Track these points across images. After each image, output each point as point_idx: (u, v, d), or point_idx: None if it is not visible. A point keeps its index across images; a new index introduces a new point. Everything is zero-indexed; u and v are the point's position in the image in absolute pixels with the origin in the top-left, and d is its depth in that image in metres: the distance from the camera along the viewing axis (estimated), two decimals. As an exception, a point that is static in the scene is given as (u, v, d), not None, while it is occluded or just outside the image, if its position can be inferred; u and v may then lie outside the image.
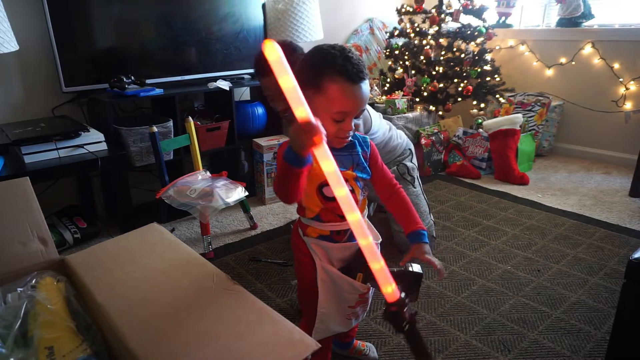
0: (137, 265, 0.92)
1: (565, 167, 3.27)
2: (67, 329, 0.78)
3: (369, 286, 1.14)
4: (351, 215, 0.83)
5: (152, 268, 0.91)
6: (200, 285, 0.84)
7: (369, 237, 0.86)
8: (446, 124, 3.42)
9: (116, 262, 0.93)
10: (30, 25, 2.16)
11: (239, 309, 0.77)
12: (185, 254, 0.94)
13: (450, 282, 1.87)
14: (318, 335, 1.15)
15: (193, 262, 0.92)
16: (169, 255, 0.94)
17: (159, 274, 0.89)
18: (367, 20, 3.65)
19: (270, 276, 1.93)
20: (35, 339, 0.76)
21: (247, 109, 2.70)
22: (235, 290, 0.82)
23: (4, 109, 2.20)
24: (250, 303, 0.79)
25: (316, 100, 0.98)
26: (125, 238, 1.03)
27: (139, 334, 0.72)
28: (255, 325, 0.73)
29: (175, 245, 0.98)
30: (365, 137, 1.16)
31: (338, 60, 0.99)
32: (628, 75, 3.11)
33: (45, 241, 0.97)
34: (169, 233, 1.03)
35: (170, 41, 2.49)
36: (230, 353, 0.68)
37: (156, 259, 0.93)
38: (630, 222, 2.38)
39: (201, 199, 2.00)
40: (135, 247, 0.98)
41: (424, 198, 2.15)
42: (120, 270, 0.90)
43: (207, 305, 0.79)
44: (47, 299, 0.82)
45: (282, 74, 0.72)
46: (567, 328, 1.59)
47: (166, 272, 0.89)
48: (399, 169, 2.09)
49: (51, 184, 2.32)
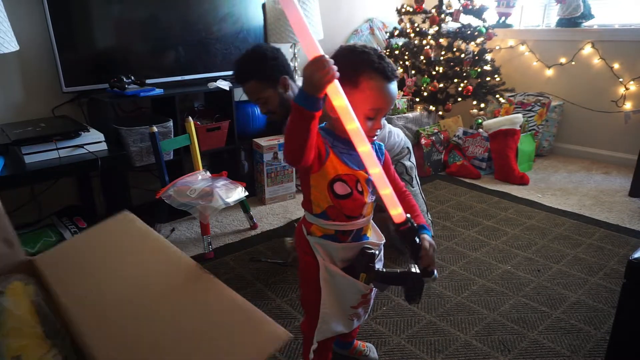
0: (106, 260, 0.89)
1: (565, 167, 3.27)
2: (35, 335, 0.75)
3: (372, 287, 1.13)
4: (362, 147, 0.94)
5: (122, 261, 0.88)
6: (169, 275, 0.82)
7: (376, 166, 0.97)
8: (446, 124, 3.42)
9: (84, 259, 0.90)
10: (30, 25, 2.16)
11: (208, 300, 0.75)
12: (155, 244, 0.91)
13: (450, 282, 1.87)
14: (320, 336, 1.14)
15: (163, 252, 0.88)
16: (139, 247, 0.91)
17: (127, 268, 0.86)
18: (367, 20, 3.65)
19: (270, 276, 1.93)
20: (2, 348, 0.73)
21: (247, 109, 2.70)
22: (205, 280, 0.80)
23: (4, 109, 2.20)
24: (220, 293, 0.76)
25: (352, 97, 0.96)
26: (96, 230, 0.99)
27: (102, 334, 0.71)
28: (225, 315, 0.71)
29: (146, 235, 0.94)
30: (380, 145, 1.18)
31: (374, 58, 1.01)
32: (628, 76, 3.11)
33: (11, 242, 0.93)
34: (141, 222, 0.98)
35: (171, 41, 2.49)
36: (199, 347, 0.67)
37: (125, 252, 0.91)
38: (630, 222, 2.38)
39: (201, 199, 2.00)
40: (104, 240, 0.95)
41: (422, 197, 2.15)
42: (88, 267, 0.88)
43: (176, 297, 0.77)
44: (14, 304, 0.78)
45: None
46: (567, 328, 1.59)
47: (135, 264, 0.87)
48: (397, 168, 2.09)
49: (51, 184, 2.32)
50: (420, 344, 1.52)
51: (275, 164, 2.64)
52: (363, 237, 1.15)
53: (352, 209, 1.10)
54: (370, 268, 1.09)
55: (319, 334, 1.14)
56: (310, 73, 0.83)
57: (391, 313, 1.68)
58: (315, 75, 0.82)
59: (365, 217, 1.13)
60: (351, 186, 1.08)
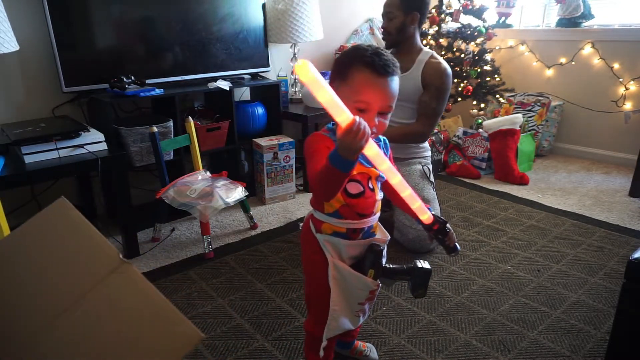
0: (32, 256, 0.85)
1: (565, 167, 3.27)
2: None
3: (379, 283, 1.15)
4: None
5: (48, 255, 0.84)
6: (88, 270, 0.79)
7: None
8: (446, 124, 3.42)
9: (11, 256, 0.87)
10: (30, 25, 2.16)
11: (123, 297, 0.73)
12: (83, 233, 0.88)
13: (450, 282, 1.87)
14: (330, 333, 1.15)
15: (88, 244, 0.85)
16: (68, 240, 0.87)
17: (51, 263, 0.83)
18: (367, 20, 3.65)
19: (270, 276, 1.93)
20: None
21: (247, 109, 2.70)
22: (123, 272, 0.77)
23: (4, 109, 2.20)
24: (137, 288, 0.74)
25: (341, 91, 0.98)
26: (28, 225, 0.93)
27: (6, 340, 0.68)
28: (138, 314, 0.69)
29: (76, 226, 0.90)
30: (386, 140, 1.19)
31: (367, 54, 1.01)
32: (628, 76, 3.11)
33: None
34: (75, 210, 0.94)
35: (171, 41, 2.49)
36: (112, 353, 0.65)
37: (53, 245, 0.87)
38: (630, 222, 2.38)
39: (201, 199, 2.00)
40: (35, 234, 0.90)
41: (437, 202, 2.17)
42: (14, 265, 0.84)
43: (90, 298, 0.74)
44: None
45: (318, 90, 0.78)
46: (567, 328, 1.59)
47: (60, 258, 0.83)
48: (424, 170, 2.13)
49: (51, 184, 2.32)
50: (420, 344, 1.52)
51: (275, 164, 2.64)
52: (372, 234, 1.17)
53: (365, 207, 1.11)
54: (378, 264, 1.12)
55: (329, 332, 1.15)
56: (349, 141, 0.82)
57: (391, 313, 1.68)
58: (353, 143, 0.82)
59: (375, 214, 1.15)
60: (364, 184, 1.10)
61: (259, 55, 2.85)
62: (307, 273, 1.25)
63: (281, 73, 3.03)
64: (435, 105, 2.05)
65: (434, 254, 2.09)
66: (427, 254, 2.08)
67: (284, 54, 3.13)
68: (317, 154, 1.01)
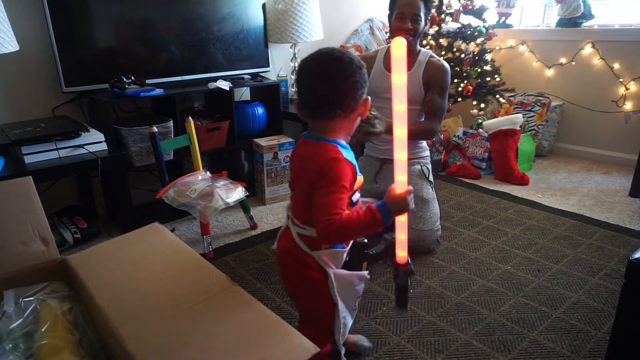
0: (138, 266, 0.91)
1: (565, 167, 3.27)
2: (70, 351, 0.77)
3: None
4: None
5: (153, 270, 0.90)
6: (200, 286, 0.84)
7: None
8: (446, 124, 3.42)
9: (116, 263, 0.92)
10: (30, 25, 2.16)
11: (238, 311, 0.77)
12: (185, 255, 0.94)
13: (450, 282, 1.87)
14: (343, 338, 1.18)
15: (193, 263, 0.91)
16: (170, 257, 0.94)
17: (159, 276, 0.88)
18: (367, 20, 3.65)
19: (271, 276, 1.93)
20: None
21: (247, 109, 2.70)
22: (234, 292, 0.82)
23: (4, 109, 2.20)
24: (249, 305, 0.78)
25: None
26: (127, 238, 1.03)
27: (137, 337, 0.72)
28: (254, 327, 0.73)
29: (176, 246, 0.97)
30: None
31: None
32: (628, 76, 3.11)
33: (47, 241, 0.97)
34: (170, 233, 1.03)
35: (171, 41, 2.49)
36: (228, 357, 0.68)
37: (156, 260, 0.93)
38: (630, 222, 2.38)
39: (201, 199, 2.00)
40: (136, 247, 0.98)
41: (437, 202, 2.16)
42: (120, 272, 0.90)
43: (206, 307, 0.79)
44: (48, 326, 0.80)
45: (401, 70, 0.95)
46: (567, 328, 1.59)
47: (166, 274, 0.89)
48: (423, 170, 2.13)
49: (51, 184, 2.32)
50: (421, 344, 1.52)
51: (275, 164, 2.64)
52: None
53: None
54: (367, 255, 1.20)
55: (342, 337, 1.18)
56: (403, 204, 1.03)
57: (391, 313, 1.68)
58: (406, 207, 1.04)
59: None
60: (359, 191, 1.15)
61: (259, 55, 2.85)
62: (300, 295, 1.24)
63: (281, 73, 3.03)
64: (440, 101, 2.09)
65: (434, 254, 2.09)
66: (428, 254, 2.08)
67: (284, 54, 3.13)
68: (345, 180, 1.05)
